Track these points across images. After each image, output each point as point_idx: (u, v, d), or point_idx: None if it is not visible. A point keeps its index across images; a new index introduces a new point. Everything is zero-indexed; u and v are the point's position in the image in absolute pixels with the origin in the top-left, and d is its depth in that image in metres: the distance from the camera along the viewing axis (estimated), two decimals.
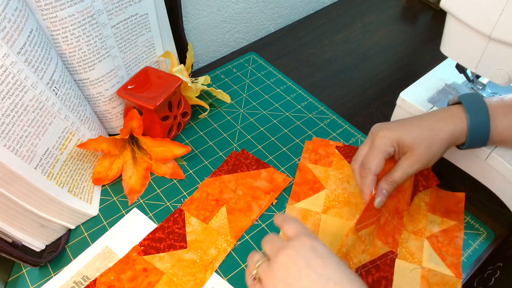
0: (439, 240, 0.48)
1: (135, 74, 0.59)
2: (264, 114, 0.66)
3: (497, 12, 0.39)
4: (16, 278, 0.48)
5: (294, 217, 0.39)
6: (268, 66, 0.74)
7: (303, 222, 0.51)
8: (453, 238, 0.48)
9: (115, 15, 0.52)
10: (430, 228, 0.49)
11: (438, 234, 0.49)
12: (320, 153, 0.58)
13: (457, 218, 0.50)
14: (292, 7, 0.87)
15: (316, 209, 0.52)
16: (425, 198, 0.52)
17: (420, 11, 0.86)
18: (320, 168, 0.56)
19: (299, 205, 0.53)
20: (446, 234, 0.49)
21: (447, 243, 0.48)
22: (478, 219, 0.51)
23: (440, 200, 0.52)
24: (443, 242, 0.48)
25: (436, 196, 0.52)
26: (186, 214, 0.52)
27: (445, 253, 0.47)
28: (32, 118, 0.44)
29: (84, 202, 0.52)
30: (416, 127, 0.42)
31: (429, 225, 0.49)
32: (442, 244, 0.48)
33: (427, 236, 0.48)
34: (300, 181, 0.55)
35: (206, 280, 0.47)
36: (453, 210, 0.51)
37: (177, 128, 0.61)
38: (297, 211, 0.52)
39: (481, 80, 0.54)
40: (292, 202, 0.53)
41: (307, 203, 0.53)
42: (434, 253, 0.47)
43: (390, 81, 0.71)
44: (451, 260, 0.46)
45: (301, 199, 0.53)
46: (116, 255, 0.49)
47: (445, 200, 0.52)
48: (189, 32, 0.73)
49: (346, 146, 0.59)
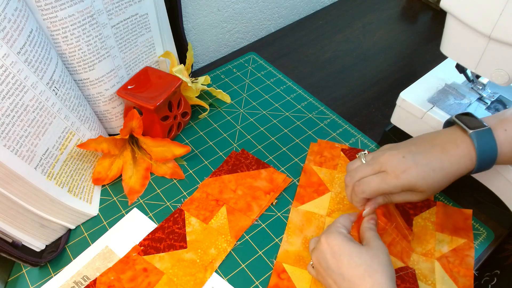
0: (450, 260, 0.46)
1: (135, 74, 0.59)
2: (264, 114, 0.66)
3: (497, 12, 0.39)
4: (16, 278, 0.48)
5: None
6: (268, 66, 0.74)
7: (307, 225, 0.51)
8: (463, 257, 0.47)
9: (115, 15, 0.52)
10: (440, 248, 0.48)
11: (448, 254, 0.47)
12: (326, 156, 0.58)
13: (466, 235, 0.49)
14: (292, 7, 0.87)
15: (321, 212, 0.52)
16: (431, 217, 0.50)
17: (420, 11, 0.86)
18: (325, 171, 0.56)
19: (303, 208, 0.52)
20: (456, 254, 0.47)
21: (458, 263, 0.46)
22: (478, 219, 0.51)
23: (448, 217, 0.50)
24: (454, 262, 0.46)
25: (443, 214, 0.51)
26: (186, 214, 0.52)
27: (457, 274, 0.45)
28: (32, 118, 0.44)
29: (84, 202, 0.52)
30: (431, 171, 0.40)
31: (438, 245, 0.48)
32: (453, 264, 0.46)
33: (437, 257, 0.47)
34: (305, 183, 0.55)
35: (206, 280, 0.47)
36: (462, 227, 0.49)
37: (177, 128, 0.61)
38: (302, 214, 0.52)
39: (481, 80, 0.54)
40: (296, 205, 0.53)
41: (311, 206, 0.52)
42: (446, 275, 0.45)
43: (390, 81, 0.71)
44: (463, 282, 0.45)
45: (305, 202, 0.53)
46: (116, 255, 0.49)
47: (453, 217, 0.50)
48: (189, 32, 0.73)
49: (351, 149, 0.59)
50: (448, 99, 0.54)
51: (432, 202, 0.52)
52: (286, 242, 0.49)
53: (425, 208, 0.51)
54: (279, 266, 0.47)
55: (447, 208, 0.51)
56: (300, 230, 0.50)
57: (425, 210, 0.51)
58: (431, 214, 0.51)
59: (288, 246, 0.49)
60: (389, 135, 0.59)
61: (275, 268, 0.47)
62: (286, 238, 0.50)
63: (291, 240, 0.49)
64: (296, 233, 0.50)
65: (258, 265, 0.48)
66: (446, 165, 0.40)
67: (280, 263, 0.47)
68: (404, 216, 0.50)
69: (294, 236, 0.50)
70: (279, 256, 0.48)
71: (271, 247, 0.50)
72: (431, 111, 0.52)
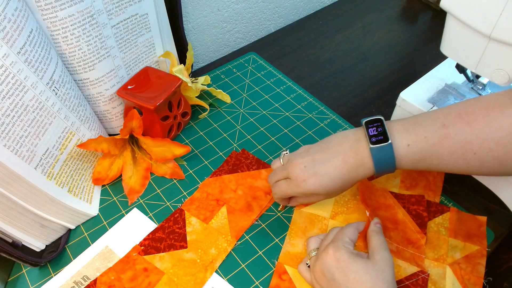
0: (462, 267, 0.46)
1: (135, 74, 0.59)
2: (264, 114, 0.66)
3: (497, 12, 0.39)
4: (16, 278, 0.48)
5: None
6: (268, 66, 0.74)
7: (310, 227, 0.50)
8: (475, 265, 0.46)
9: (115, 15, 0.52)
10: (452, 254, 0.47)
11: (460, 261, 0.46)
12: None
13: (479, 242, 0.48)
14: (292, 7, 0.87)
15: (324, 214, 0.51)
16: (444, 223, 0.50)
17: (420, 11, 0.86)
18: None
19: (307, 210, 0.52)
20: (468, 261, 0.46)
21: (469, 271, 0.45)
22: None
23: (461, 223, 0.49)
24: (465, 269, 0.46)
25: (457, 220, 0.50)
26: (187, 214, 0.52)
27: (467, 281, 0.45)
28: (32, 118, 0.44)
29: (84, 202, 0.52)
30: (329, 180, 0.43)
31: (451, 251, 0.47)
32: (465, 271, 0.45)
33: (450, 263, 0.46)
34: None
35: (206, 280, 0.47)
36: (475, 234, 0.48)
37: (177, 128, 0.61)
38: (305, 216, 0.51)
39: (481, 80, 0.54)
40: (300, 206, 0.52)
41: (315, 208, 0.52)
42: (457, 281, 0.45)
43: (390, 81, 0.71)
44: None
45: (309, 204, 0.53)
46: (116, 255, 0.49)
47: (466, 223, 0.50)
48: (189, 32, 0.73)
49: None
50: (448, 99, 0.54)
51: (445, 208, 0.51)
52: (289, 243, 0.49)
53: (438, 213, 0.50)
54: (280, 267, 0.47)
55: (461, 215, 0.50)
56: (302, 232, 0.50)
57: (438, 215, 0.50)
58: (444, 220, 0.50)
59: (290, 248, 0.49)
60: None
61: (277, 269, 0.47)
62: (288, 240, 0.49)
63: (293, 242, 0.49)
64: (298, 235, 0.50)
65: (258, 265, 0.48)
66: (344, 173, 0.43)
67: (281, 264, 0.47)
68: (417, 220, 0.49)
69: (297, 238, 0.49)
70: (280, 257, 0.48)
71: (272, 247, 0.50)
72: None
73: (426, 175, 0.53)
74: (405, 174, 0.54)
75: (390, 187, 0.53)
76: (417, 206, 0.51)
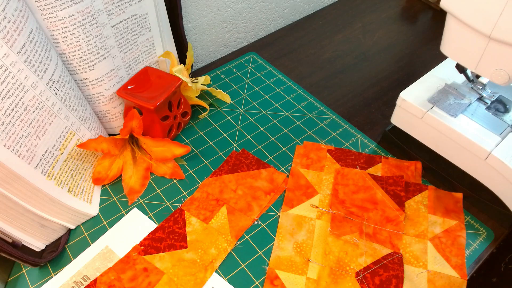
0: (442, 241, 0.48)
1: (135, 74, 0.59)
2: (264, 114, 0.66)
3: (497, 12, 0.39)
4: (16, 278, 0.48)
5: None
6: (268, 66, 0.74)
7: (298, 229, 0.50)
8: (455, 238, 0.48)
9: (115, 15, 0.52)
10: (432, 229, 0.49)
11: (440, 235, 0.49)
12: (312, 158, 0.58)
13: (457, 217, 0.50)
14: (292, 7, 0.87)
15: (311, 215, 0.51)
16: (424, 200, 0.52)
17: (420, 11, 0.86)
18: (312, 173, 0.56)
19: (293, 212, 0.52)
20: (448, 235, 0.49)
21: (450, 244, 0.48)
22: (478, 219, 0.51)
23: (439, 200, 0.52)
24: (446, 243, 0.48)
25: (435, 197, 0.52)
26: (187, 214, 0.52)
27: (449, 254, 0.47)
28: (32, 118, 0.44)
29: (84, 202, 0.52)
30: None
31: (431, 227, 0.49)
32: (446, 245, 0.48)
33: (430, 238, 0.48)
34: (293, 186, 0.55)
35: (206, 280, 0.47)
36: (453, 210, 0.51)
37: (177, 128, 0.61)
38: (292, 218, 0.51)
39: (481, 80, 0.54)
40: (286, 209, 0.52)
41: (301, 209, 0.52)
42: (438, 254, 0.47)
43: (390, 81, 0.71)
44: (455, 261, 0.46)
45: (294, 205, 0.52)
46: (116, 255, 0.49)
47: (444, 200, 0.52)
48: (189, 32, 0.73)
49: (337, 149, 0.59)
50: (448, 99, 0.54)
51: (424, 186, 0.53)
52: (278, 247, 0.49)
53: (417, 192, 0.53)
54: (271, 273, 0.47)
55: (439, 192, 0.53)
56: (290, 234, 0.50)
57: (417, 194, 0.53)
58: (423, 198, 0.52)
59: (279, 252, 0.48)
60: (389, 135, 0.59)
61: (268, 274, 0.47)
62: (277, 244, 0.49)
63: (282, 246, 0.49)
64: (287, 238, 0.50)
65: (258, 265, 0.48)
66: None
67: (272, 270, 0.47)
68: (395, 199, 0.51)
69: (285, 241, 0.49)
70: (271, 262, 0.48)
71: (272, 247, 0.50)
72: (431, 111, 0.52)
73: (405, 170, 0.56)
74: (385, 169, 0.56)
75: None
76: (395, 186, 0.53)
